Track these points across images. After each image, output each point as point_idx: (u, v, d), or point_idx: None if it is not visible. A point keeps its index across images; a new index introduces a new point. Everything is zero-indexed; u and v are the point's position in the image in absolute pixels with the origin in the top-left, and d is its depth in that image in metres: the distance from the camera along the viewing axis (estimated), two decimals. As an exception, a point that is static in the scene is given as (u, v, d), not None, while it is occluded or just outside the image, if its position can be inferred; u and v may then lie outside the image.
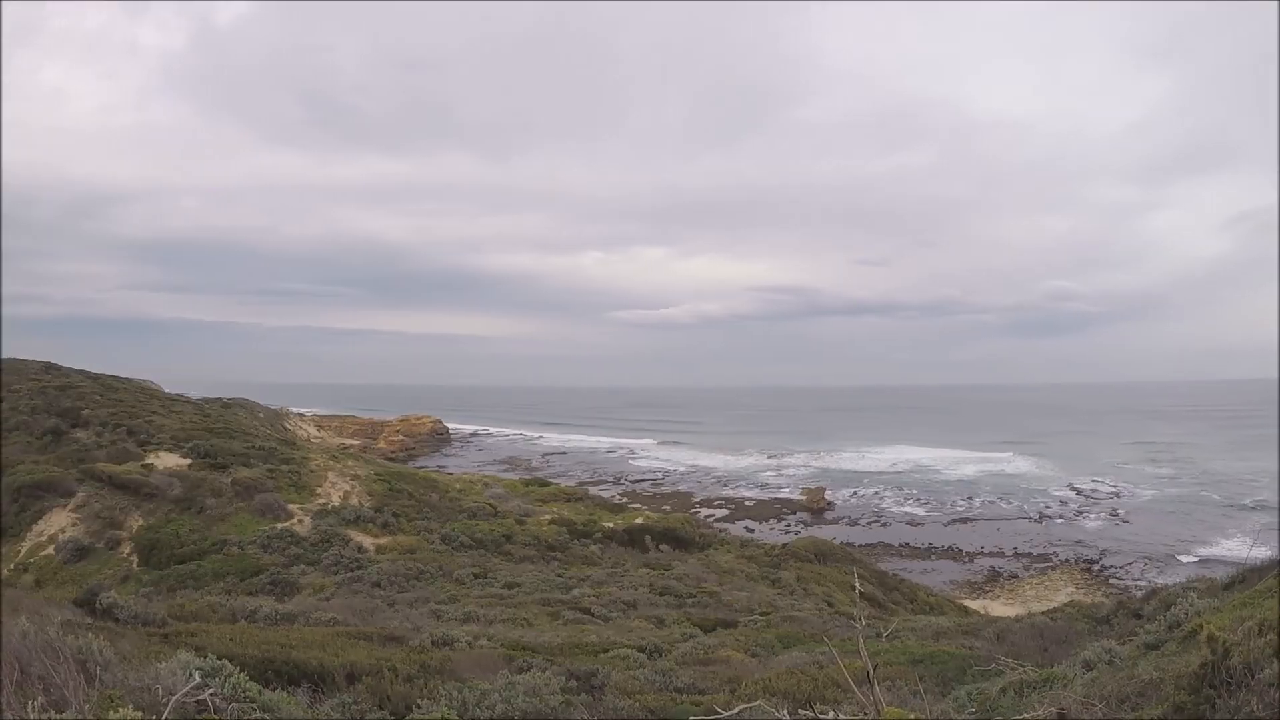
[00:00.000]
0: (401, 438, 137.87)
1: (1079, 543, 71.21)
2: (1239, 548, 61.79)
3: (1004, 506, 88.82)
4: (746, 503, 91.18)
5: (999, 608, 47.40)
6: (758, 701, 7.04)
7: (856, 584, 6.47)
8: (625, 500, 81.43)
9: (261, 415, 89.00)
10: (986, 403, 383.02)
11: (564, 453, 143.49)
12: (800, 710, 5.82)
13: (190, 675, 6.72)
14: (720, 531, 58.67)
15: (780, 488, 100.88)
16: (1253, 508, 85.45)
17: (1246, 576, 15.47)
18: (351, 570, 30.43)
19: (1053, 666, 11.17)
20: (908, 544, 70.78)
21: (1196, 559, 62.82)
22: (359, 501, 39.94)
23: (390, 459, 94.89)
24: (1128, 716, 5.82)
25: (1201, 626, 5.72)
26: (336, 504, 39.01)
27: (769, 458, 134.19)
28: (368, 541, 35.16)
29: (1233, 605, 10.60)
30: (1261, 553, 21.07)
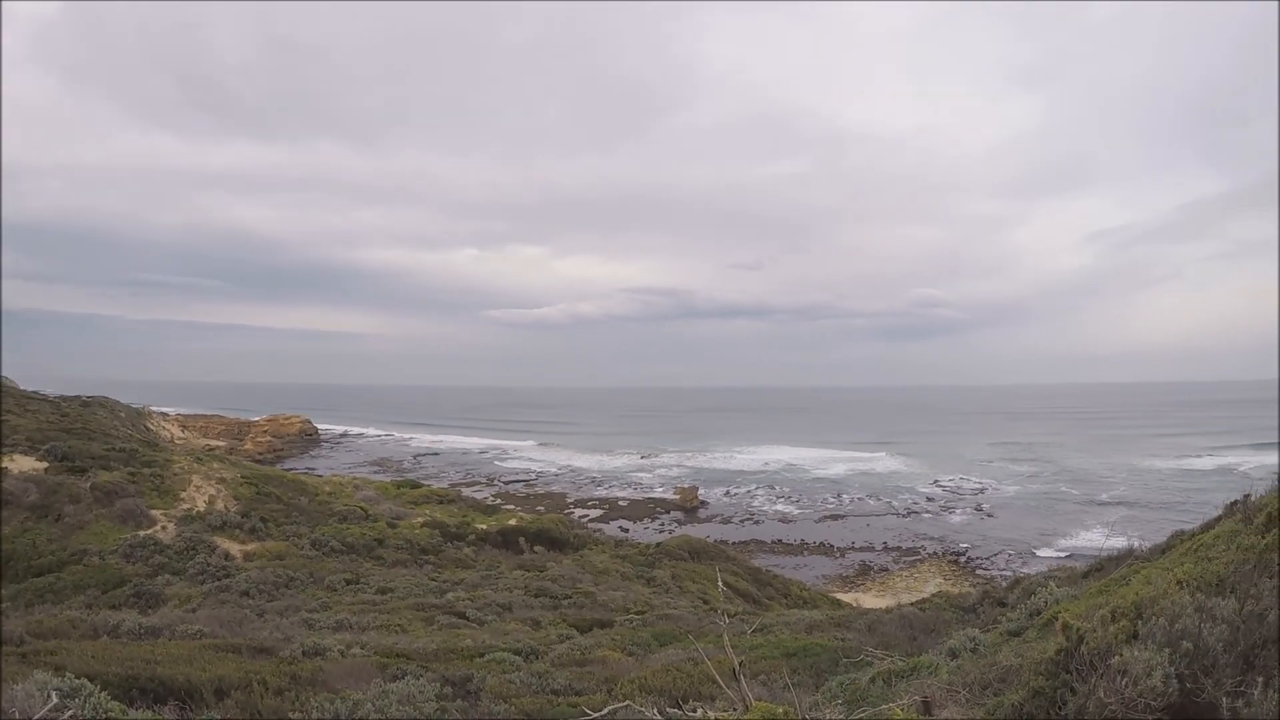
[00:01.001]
0: (269, 439, 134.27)
1: (946, 536, 73.42)
2: (1097, 539, 64.44)
3: (873, 503, 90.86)
4: (620, 502, 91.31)
5: (870, 600, 48.40)
6: (627, 702, 7.05)
7: (720, 582, 6.49)
8: (499, 502, 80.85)
9: (123, 415, 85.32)
10: (856, 404, 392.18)
11: (436, 453, 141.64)
12: (670, 709, 5.82)
13: (48, 697, 6.43)
14: (595, 532, 58.77)
15: (654, 487, 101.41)
16: (1109, 502, 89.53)
17: (1104, 565, 16.14)
18: (219, 579, 29.54)
19: (920, 655, 11.42)
20: (780, 540, 71.66)
21: (1057, 550, 65.25)
22: (225, 506, 38.76)
23: (257, 461, 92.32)
24: (989, 702, 5.95)
25: (1058, 614, 5.90)
26: (202, 509, 37.75)
27: (643, 457, 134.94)
28: (235, 548, 34.16)
29: (1089, 593, 11.03)
30: (1117, 543, 21.93)
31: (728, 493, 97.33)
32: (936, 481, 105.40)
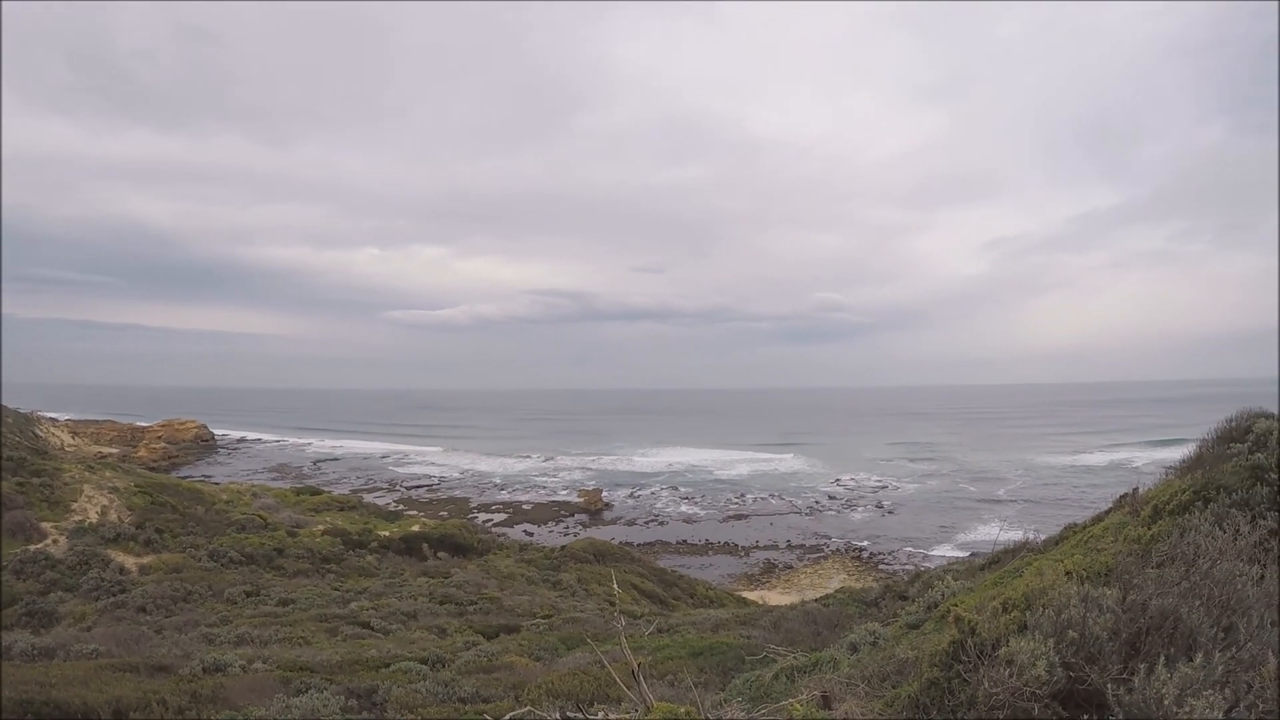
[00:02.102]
0: (164, 445, 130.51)
1: (848, 533, 74.51)
2: (995, 533, 65.74)
3: (776, 502, 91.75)
4: (525, 506, 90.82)
5: (776, 597, 48.84)
6: (528, 707, 7.06)
7: (614, 584, 6.48)
8: (401, 507, 79.87)
9: (9, 421, 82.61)
10: (759, 406, 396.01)
11: (336, 459, 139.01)
12: (572, 713, 5.84)
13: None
14: (499, 536, 58.44)
15: (558, 490, 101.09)
16: (1006, 497, 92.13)
17: (1000, 558, 16.59)
18: (114, 595, 28.80)
19: (822, 651, 11.60)
20: (685, 541, 71.97)
21: (956, 545, 66.51)
22: (119, 517, 37.75)
23: (152, 469, 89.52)
24: (887, 694, 6.07)
25: (954, 607, 6.04)
26: (94, 521, 36.67)
27: (546, 460, 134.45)
28: (130, 562, 33.31)
29: (984, 585, 11.35)
30: (1013, 536, 22.46)
31: (632, 495, 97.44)
32: (838, 480, 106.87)
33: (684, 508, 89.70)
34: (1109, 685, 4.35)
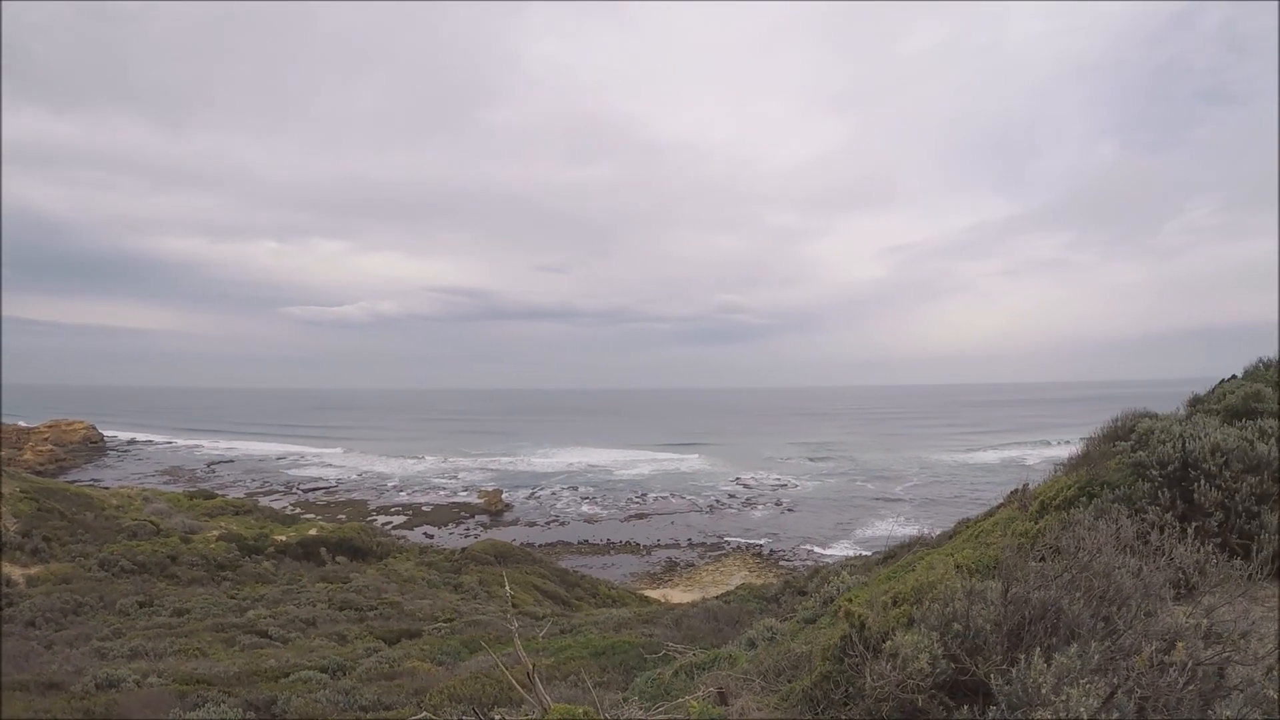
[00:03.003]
0: (50, 447, 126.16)
1: (749, 531, 75.27)
2: (892, 528, 67.24)
3: (677, 501, 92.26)
4: (424, 508, 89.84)
5: (678, 595, 49.16)
6: (424, 713, 7.07)
7: (507, 586, 6.44)
8: (298, 511, 78.68)
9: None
10: (661, 405, 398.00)
11: (231, 461, 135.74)
12: (470, 718, 5.88)
13: None
14: (399, 539, 57.91)
15: (458, 491, 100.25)
16: (903, 494, 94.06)
17: (896, 553, 17.01)
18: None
19: (721, 647, 11.77)
20: (587, 541, 71.95)
21: (855, 541, 67.69)
22: (3, 525, 36.49)
23: (38, 473, 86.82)
24: (783, 689, 6.20)
25: (846, 602, 6.21)
26: (-24, 532, 35.45)
27: (446, 461, 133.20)
28: (16, 573, 32.23)
29: (878, 580, 11.62)
30: (910, 531, 22.98)
31: (532, 495, 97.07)
32: (739, 479, 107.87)
33: (585, 508, 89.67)
34: (992, 675, 4.50)
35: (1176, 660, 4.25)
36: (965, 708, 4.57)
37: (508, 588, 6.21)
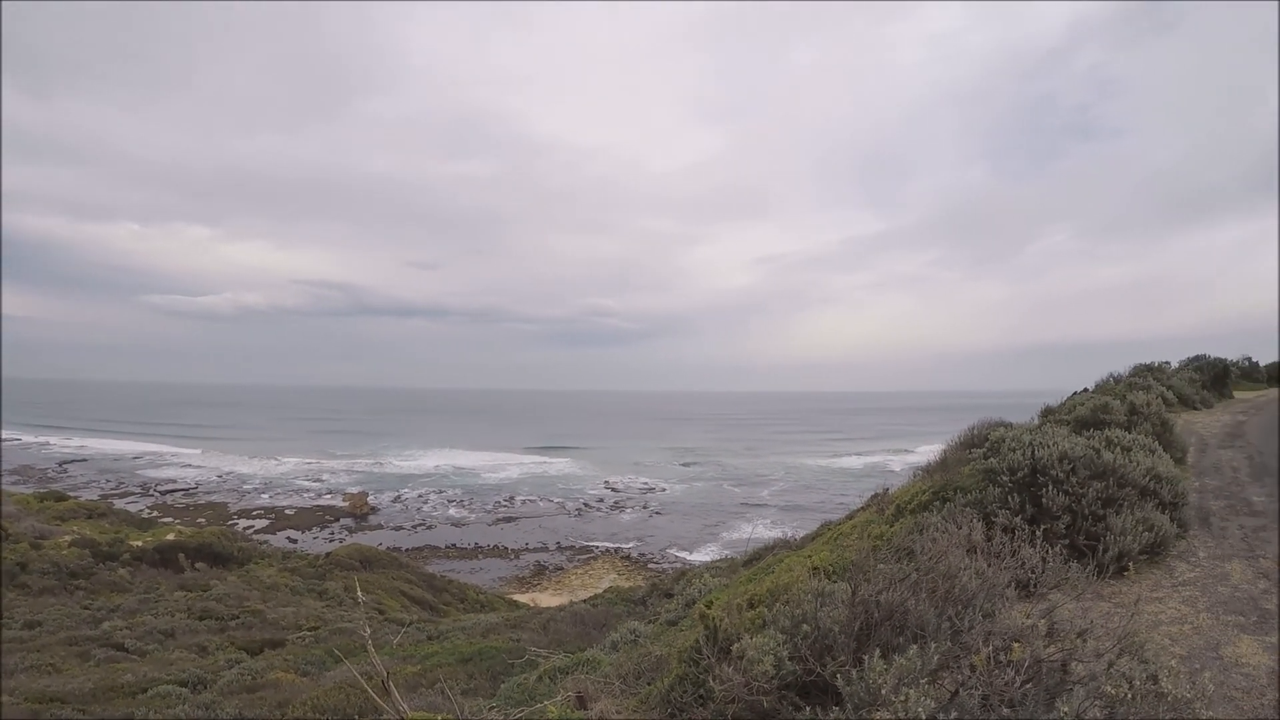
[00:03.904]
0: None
1: (617, 534, 75.81)
2: (759, 531, 68.26)
3: (545, 505, 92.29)
4: (287, 511, 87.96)
5: (547, 599, 49.20)
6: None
7: (359, 594, 6.47)
8: (155, 514, 76.40)
9: None
10: (530, 407, 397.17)
11: (84, 460, 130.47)
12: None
13: None
14: (261, 544, 56.77)
15: (322, 494, 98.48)
16: (770, 497, 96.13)
17: (760, 555, 17.38)
18: None
19: (585, 651, 11.92)
20: (454, 545, 71.43)
21: (722, 543, 68.66)
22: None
23: None
24: (642, 691, 6.32)
25: (709, 604, 6.40)
26: None
27: (310, 462, 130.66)
28: None
29: (739, 582, 11.90)
30: (775, 534, 23.45)
31: (398, 498, 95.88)
32: (607, 483, 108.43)
33: (452, 511, 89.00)
34: (839, 676, 4.63)
35: (1014, 659, 4.51)
36: (810, 708, 4.74)
37: (360, 594, 6.21)
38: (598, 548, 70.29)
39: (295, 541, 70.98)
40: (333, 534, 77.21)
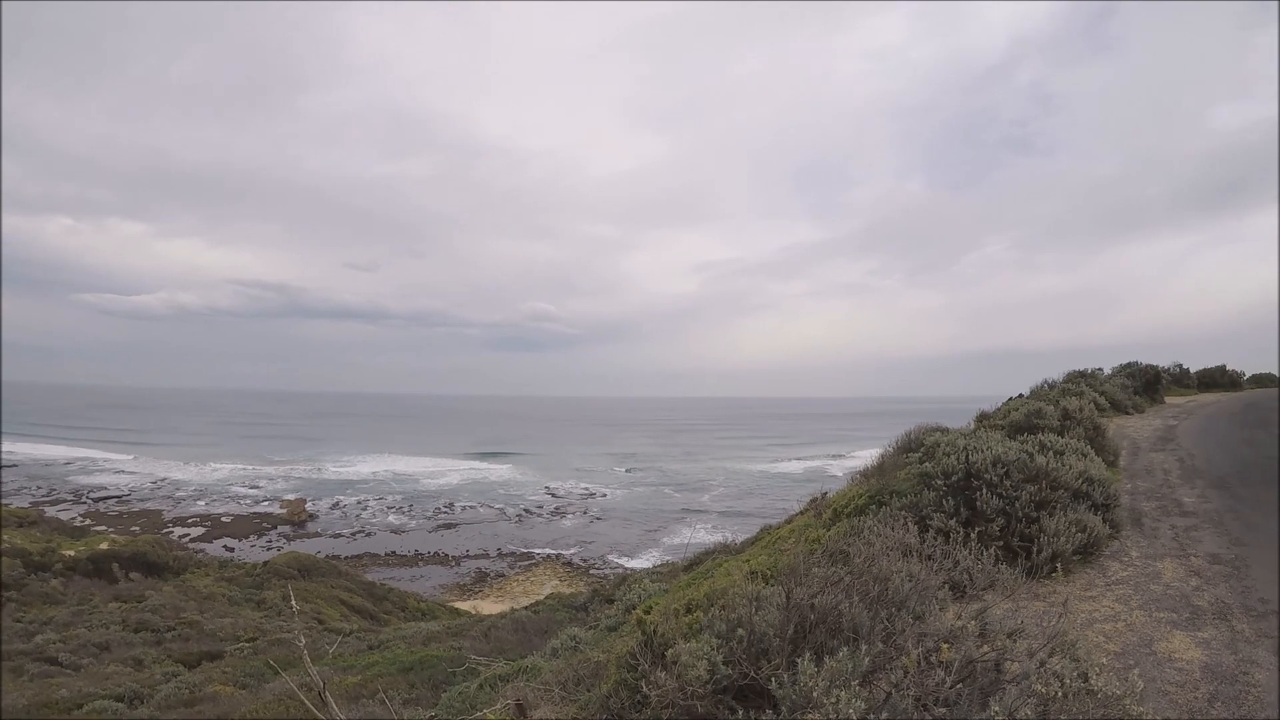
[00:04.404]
0: None
1: (559, 540, 75.63)
2: (699, 536, 68.59)
3: (486, 511, 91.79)
4: (224, 519, 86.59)
5: (489, 606, 48.97)
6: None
7: (294, 603, 6.46)
8: (88, 522, 74.93)
9: None
10: (469, 412, 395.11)
11: (14, 466, 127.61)
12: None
13: None
14: (197, 553, 56.14)
15: (260, 500, 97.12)
16: (710, 502, 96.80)
17: (700, 560, 17.53)
18: None
19: (526, 658, 11.97)
20: (394, 552, 70.85)
21: (663, 549, 68.67)
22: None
23: None
24: (582, 698, 6.41)
25: (649, 610, 6.47)
26: None
27: (247, 468, 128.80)
28: None
29: (679, 587, 12.00)
30: (715, 539, 23.64)
31: (337, 504, 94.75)
32: (548, 489, 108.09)
33: (392, 518, 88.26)
34: (773, 680, 4.70)
35: (944, 659, 4.63)
36: (746, 711, 4.79)
37: (294, 604, 6.20)
38: (539, 554, 70.07)
39: (232, 550, 70.01)
40: (270, 542, 76.20)
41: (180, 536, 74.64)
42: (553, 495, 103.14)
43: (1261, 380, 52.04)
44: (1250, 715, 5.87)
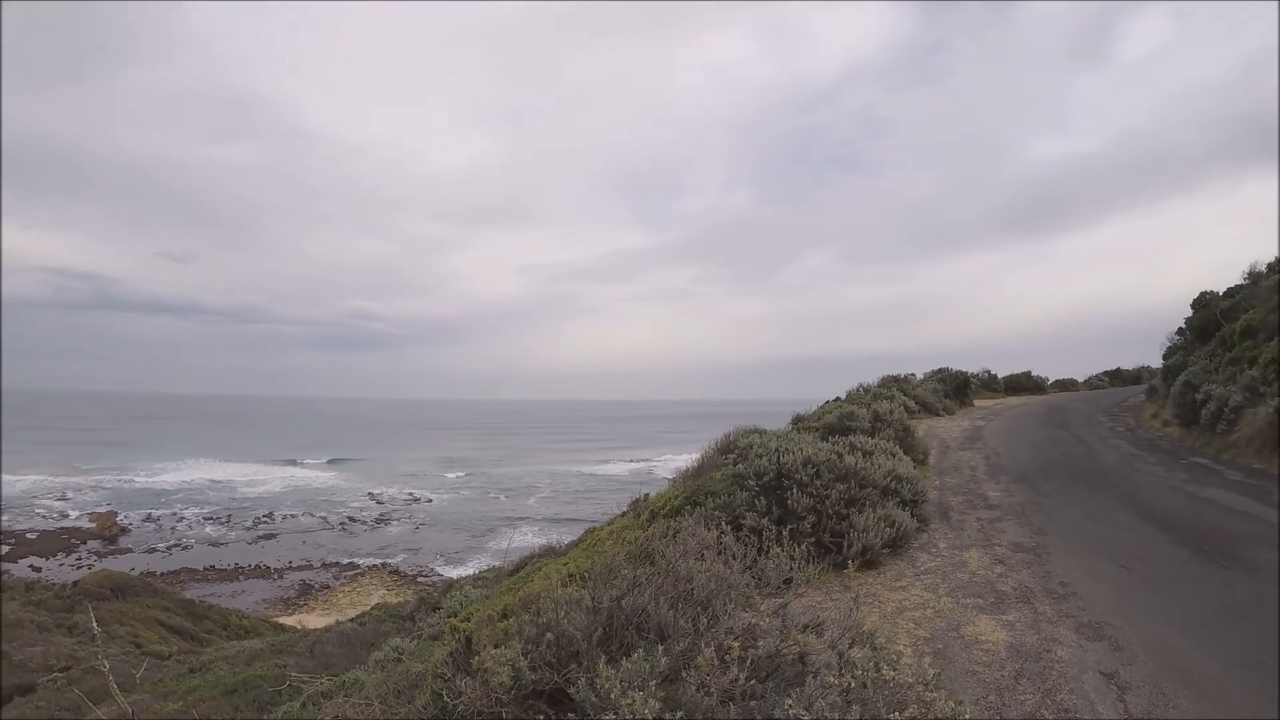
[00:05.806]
0: None
1: (385, 548, 74.59)
2: (528, 539, 68.64)
3: (308, 519, 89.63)
4: (29, 535, 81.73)
5: (315, 620, 48.06)
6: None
7: (95, 626, 6.48)
8: (-126, 548, 70.41)
9: None
10: (290, 415, 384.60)
11: None
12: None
13: None
14: (2, 574, 53.25)
15: (68, 513, 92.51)
16: (536, 505, 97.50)
17: (525, 564, 17.82)
18: None
19: (349, 672, 12.04)
20: (213, 567, 68.60)
21: (491, 553, 68.38)
22: None
23: None
24: (401, 710, 6.50)
25: (468, 617, 6.69)
26: None
27: (52, 478, 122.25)
28: None
29: (500, 592, 12.23)
30: (541, 542, 23.88)
31: (150, 516, 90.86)
32: (372, 494, 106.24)
33: (210, 529, 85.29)
34: (583, 679, 4.84)
35: (738, 656, 4.88)
36: (555, 714, 4.98)
37: (95, 626, 6.21)
38: (364, 563, 68.95)
39: (39, 570, 66.49)
40: (80, 559, 72.68)
41: (-22, 557, 70.71)
42: (377, 501, 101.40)
43: (1064, 385, 56.90)
44: (1054, 688, 6.48)
